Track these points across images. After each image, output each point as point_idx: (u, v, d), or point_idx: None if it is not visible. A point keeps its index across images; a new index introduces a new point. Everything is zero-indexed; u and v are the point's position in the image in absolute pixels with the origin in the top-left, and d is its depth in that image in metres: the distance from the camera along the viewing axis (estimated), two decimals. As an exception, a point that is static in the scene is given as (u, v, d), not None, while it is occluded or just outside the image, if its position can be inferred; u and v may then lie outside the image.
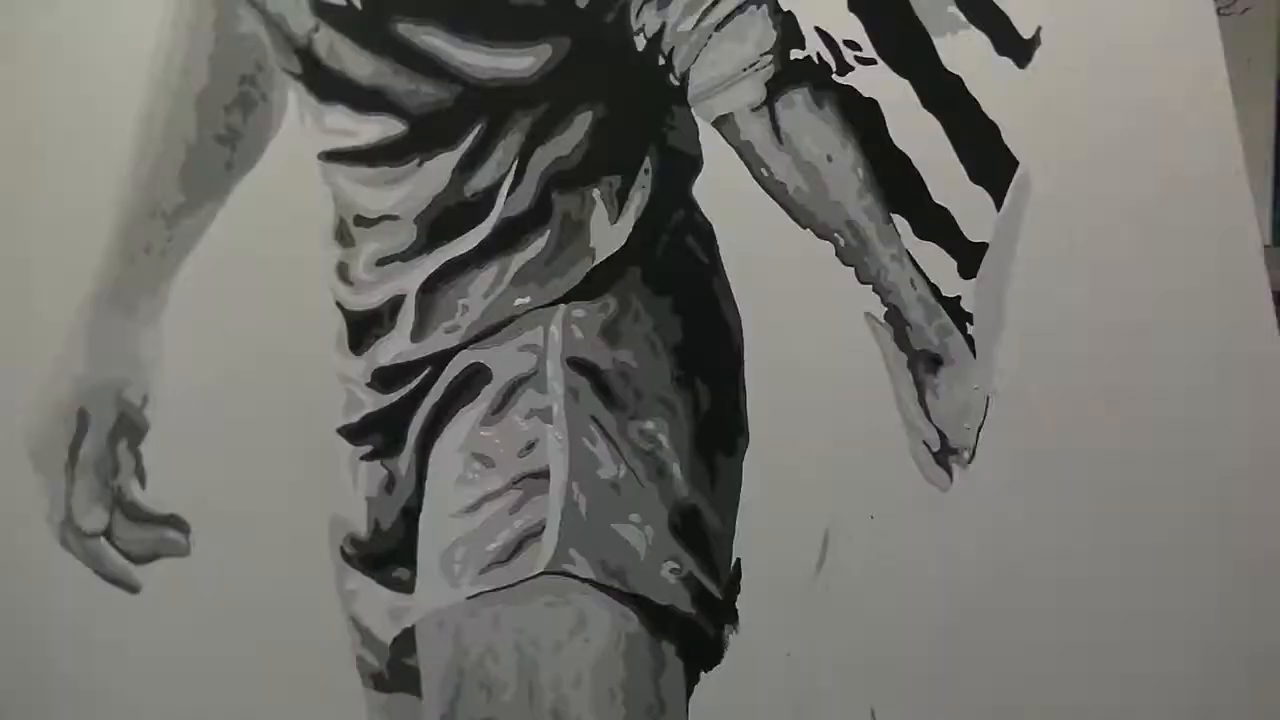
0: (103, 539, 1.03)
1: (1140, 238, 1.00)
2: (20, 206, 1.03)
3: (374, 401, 1.02)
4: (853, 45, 1.02)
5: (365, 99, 1.01)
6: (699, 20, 1.01)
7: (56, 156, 1.03)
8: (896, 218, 1.01)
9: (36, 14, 1.02)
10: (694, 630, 0.99)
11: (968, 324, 1.01)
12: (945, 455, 1.01)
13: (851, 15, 1.01)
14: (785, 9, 1.01)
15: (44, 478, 1.03)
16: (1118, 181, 1.01)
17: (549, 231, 1.01)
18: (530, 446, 1.00)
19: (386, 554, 1.02)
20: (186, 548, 1.02)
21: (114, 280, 1.03)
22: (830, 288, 1.01)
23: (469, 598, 0.96)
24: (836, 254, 1.01)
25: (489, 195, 1.01)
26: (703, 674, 1.01)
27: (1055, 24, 1.01)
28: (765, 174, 1.01)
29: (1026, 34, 1.02)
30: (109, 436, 1.03)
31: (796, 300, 1.02)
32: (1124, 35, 1.01)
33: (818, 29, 1.02)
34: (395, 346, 1.02)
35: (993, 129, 1.01)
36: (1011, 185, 1.02)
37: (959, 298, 1.01)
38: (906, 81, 1.02)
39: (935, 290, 1.01)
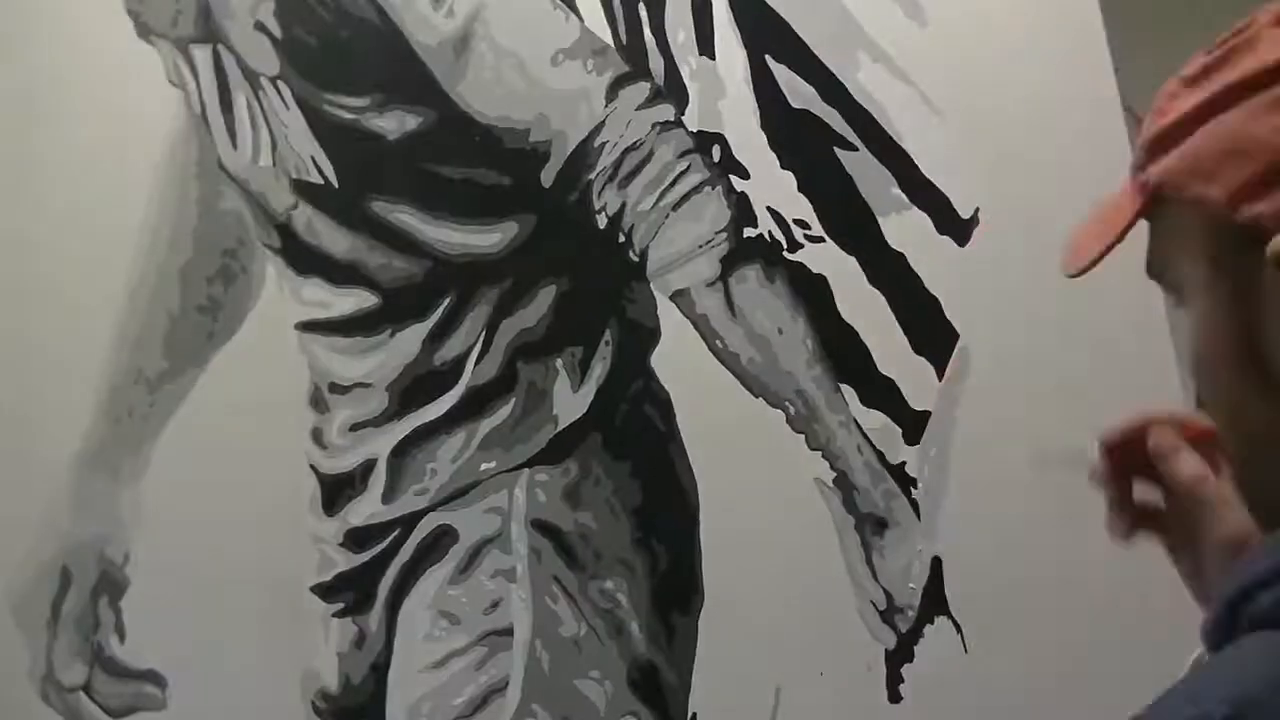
0: (82, 693, 1.07)
1: (1073, 406, 1.05)
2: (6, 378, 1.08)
3: (346, 561, 1.08)
4: (802, 224, 1.09)
5: (341, 272, 1.09)
6: (657, 200, 1.08)
7: (48, 325, 1.09)
8: (844, 387, 1.08)
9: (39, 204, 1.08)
10: (652, 782, 1.04)
11: (912, 488, 1.07)
12: (891, 614, 1.06)
13: (801, 196, 1.09)
14: (739, 190, 1.09)
15: (26, 634, 1.07)
16: (1052, 352, 1.06)
17: (514, 399, 1.08)
18: (495, 605, 1.06)
19: (356, 708, 1.07)
20: (163, 702, 1.07)
21: (99, 441, 1.09)
22: (782, 453, 1.07)
23: (435, 754, 1.01)
24: (787, 421, 1.07)
25: (457, 364, 1.08)
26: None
27: (992, 205, 1.08)
28: (720, 345, 1.08)
29: (965, 214, 1.09)
30: (91, 593, 1.08)
31: (749, 466, 1.07)
32: (1058, 215, 1.08)
33: (769, 208, 1.09)
34: (367, 508, 1.08)
35: (934, 303, 1.08)
36: (952, 356, 1.08)
37: (904, 463, 1.07)
38: (853, 258, 1.09)
39: (881, 456, 1.07)
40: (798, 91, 1.10)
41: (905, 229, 1.10)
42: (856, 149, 1.10)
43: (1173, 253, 0.73)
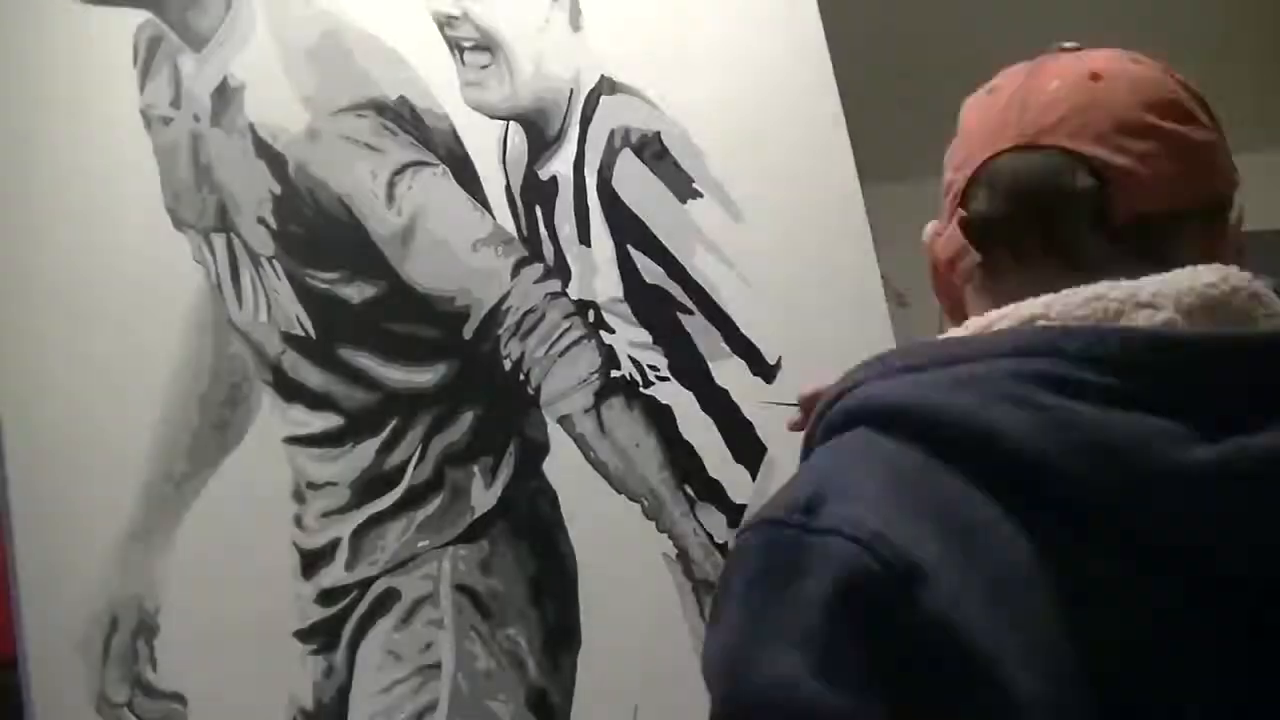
0: (126, 708, 1.39)
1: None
2: (70, 474, 1.41)
3: (318, 613, 1.38)
4: (654, 368, 1.42)
5: (317, 400, 1.40)
6: (548, 350, 1.41)
7: (104, 436, 1.41)
8: (685, 487, 1.40)
9: (97, 352, 1.41)
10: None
11: None
12: None
13: (653, 347, 1.42)
14: (607, 343, 1.41)
15: (85, 664, 1.39)
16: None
17: (442, 495, 1.39)
18: (428, 646, 1.37)
19: (327, 723, 1.40)
20: (184, 716, 1.39)
21: (139, 523, 1.39)
22: (638, 535, 1.39)
23: (382, 756, 1.35)
24: (643, 511, 1.40)
25: (401, 469, 1.39)
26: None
27: (791, 354, 1.41)
28: (593, 455, 1.40)
29: (771, 361, 1.41)
30: (132, 634, 1.37)
31: (615, 544, 1.39)
32: (849, 357, 1.42)
33: (630, 356, 1.42)
34: (334, 574, 1.38)
35: (749, 425, 1.41)
36: (762, 465, 1.41)
37: (727, 543, 1.40)
38: (690, 393, 1.41)
39: (711, 537, 1.40)
40: (650, 271, 1.42)
41: (728, 372, 1.41)
42: (693, 313, 1.42)
43: None
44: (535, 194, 1.46)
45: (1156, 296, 0.72)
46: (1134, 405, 0.67)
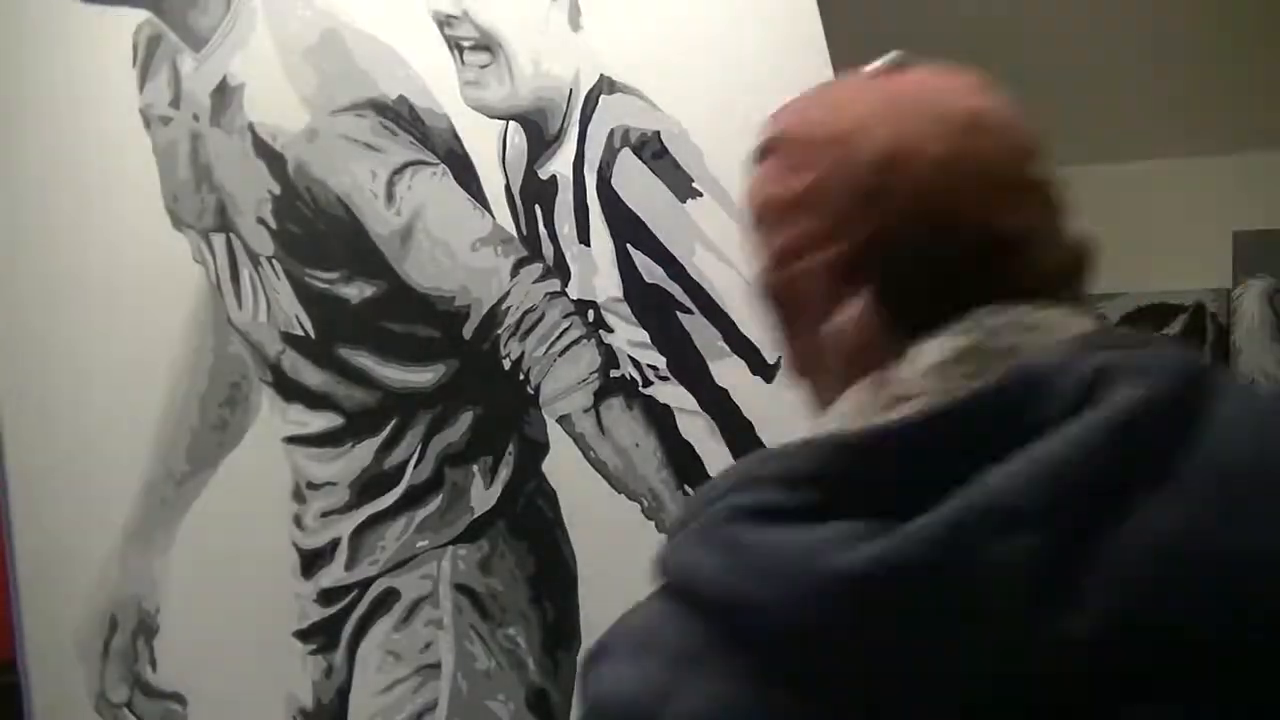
0: (125, 708, 1.41)
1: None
2: (70, 474, 1.43)
3: (318, 613, 1.39)
4: (653, 367, 1.41)
5: (316, 400, 1.41)
6: (547, 349, 1.41)
7: (106, 437, 1.43)
8: (685, 486, 1.40)
9: (96, 353, 1.42)
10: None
11: None
12: None
13: (652, 347, 1.41)
14: (606, 342, 1.41)
15: (85, 664, 1.41)
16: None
17: (442, 494, 1.39)
18: (428, 646, 1.38)
19: (326, 723, 1.41)
20: (184, 716, 1.40)
21: (139, 523, 1.42)
22: (638, 534, 1.38)
23: (380, 757, 1.35)
24: (642, 511, 1.40)
25: (400, 469, 1.40)
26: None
27: None
28: (593, 455, 1.40)
29: (771, 360, 1.41)
30: (132, 634, 1.40)
31: (614, 544, 1.38)
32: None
33: (629, 356, 1.41)
34: (334, 574, 1.39)
35: (749, 425, 1.40)
36: None
37: None
38: (690, 393, 1.40)
39: None
40: (650, 271, 1.41)
41: (727, 371, 1.40)
42: (693, 312, 1.41)
43: None
44: (535, 193, 1.46)
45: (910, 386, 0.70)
46: (817, 517, 0.64)
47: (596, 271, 1.43)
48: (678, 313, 1.42)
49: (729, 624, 0.65)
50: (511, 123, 1.46)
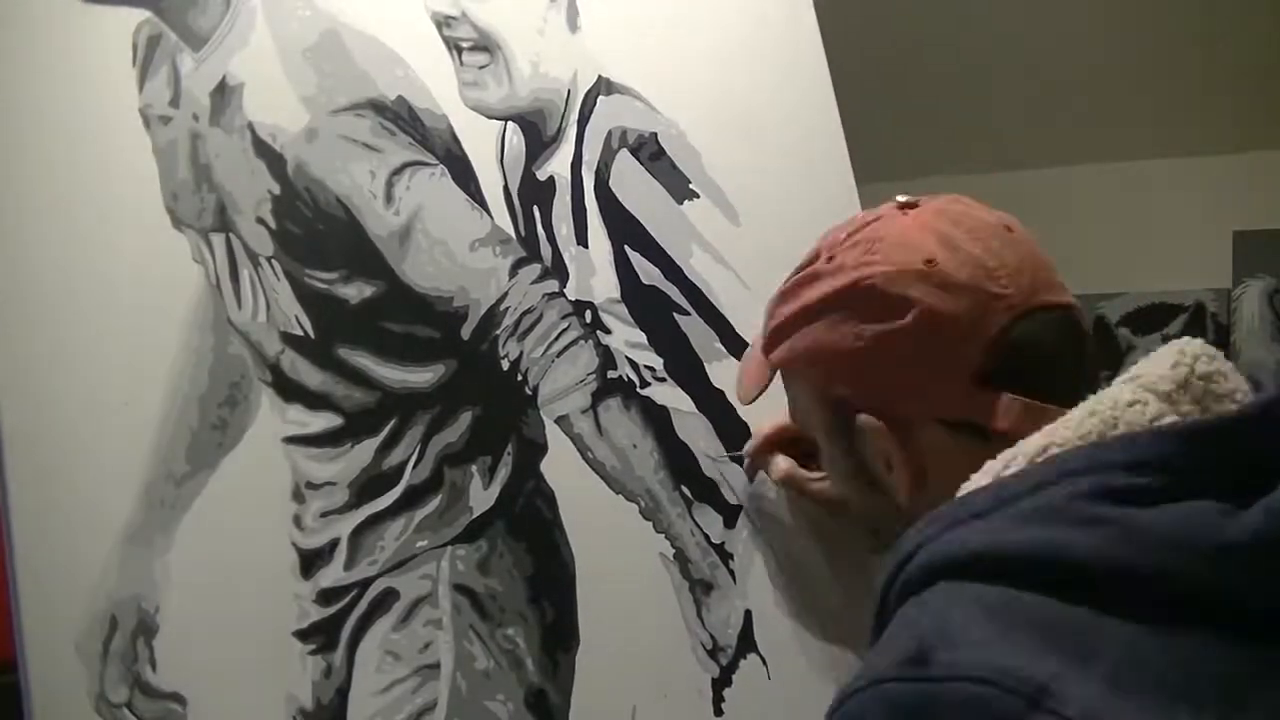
0: (125, 709, 1.40)
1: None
2: (69, 474, 1.42)
3: (318, 613, 1.38)
4: (650, 368, 1.42)
5: (315, 400, 1.41)
6: (545, 350, 1.42)
7: (105, 437, 1.41)
8: (681, 487, 1.41)
9: (95, 351, 1.41)
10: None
11: (729, 561, 1.41)
12: (715, 652, 1.40)
13: (650, 348, 1.42)
14: (604, 343, 1.42)
15: (85, 664, 1.40)
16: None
17: (441, 495, 1.40)
18: (427, 646, 1.38)
19: (325, 723, 1.40)
20: (184, 717, 1.39)
21: (139, 524, 1.40)
22: (635, 535, 1.40)
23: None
24: (640, 512, 1.40)
25: (399, 469, 1.40)
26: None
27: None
28: (590, 456, 1.41)
29: None
30: (131, 635, 1.38)
31: (612, 544, 1.40)
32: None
33: (627, 357, 1.42)
34: (333, 574, 1.38)
35: (745, 426, 1.41)
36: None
37: (723, 543, 1.41)
38: (687, 394, 1.42)
39: (707, 537, 1.41)
40: (647, 272, 1.43)
41: (724, 373, 1.42)
42: (689, 314, 1.43)
43: (800, 405, 1.08)
44: (533, 194, 1.46)
45: (1137, 393, 0.82)
46: (1174, 498, 0.74)
47: (594, 272, 1.44)
48: (675, 314, 1.43)
49: (1115, 594, 0.72)
50: (510, 123, 1.47)
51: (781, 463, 1.31)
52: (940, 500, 0.85)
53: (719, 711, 1.40)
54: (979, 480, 0.84)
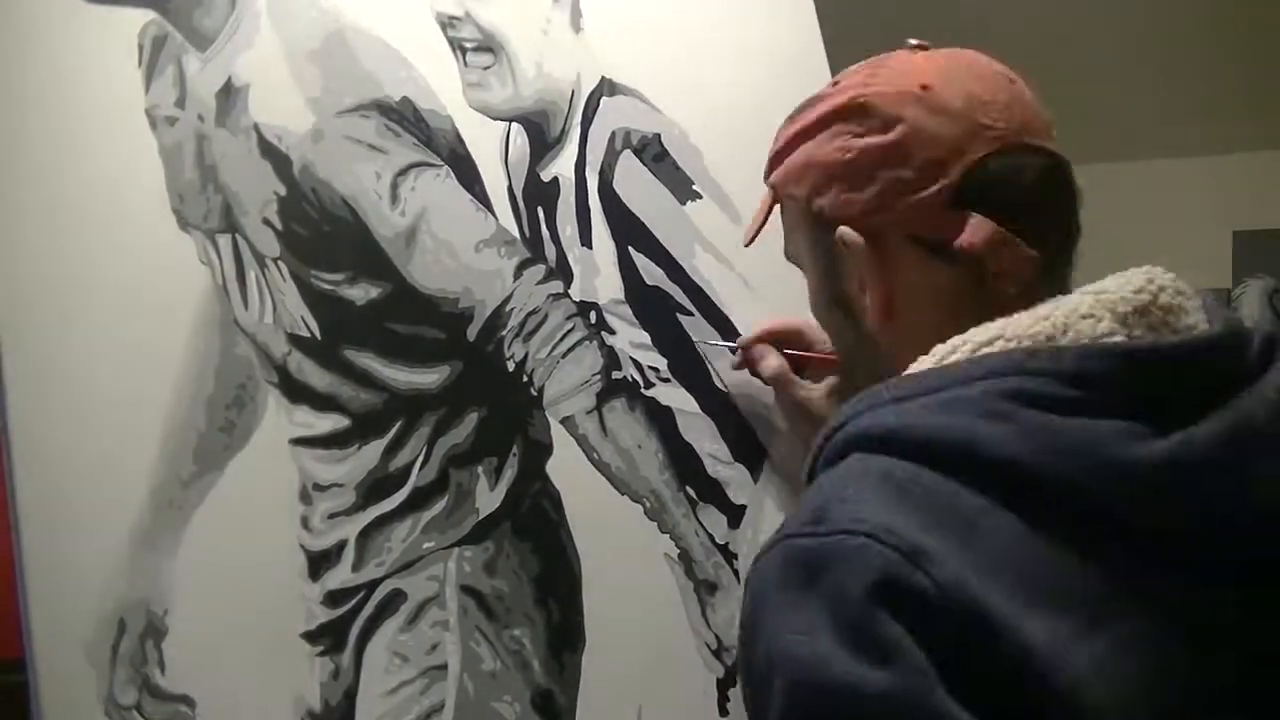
0: (134, 711, 1.40)
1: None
2: (77, 477, 1.41)
3: (325, 615, 1.38)
4: (655, 369, 1.43)
5: (322, 402, 1.40)
6: (550, 351, 1.42)
7: (112, 440, 1.41)
8: (686, 488, 1.42)
9: (104, 355, 1.41)
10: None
11: (734, 561, 1.42)
12: (720, 652, 1.41)
13: (654, 349, 1.43)
14: (609, 344, 1.43)
15: (94, 667, 1.40)
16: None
17: (447, 496, 1.40)
18: (434, 647, 1.38)
19: (333, 724, 1.40)
20: (192, 718, 1.39)
21: (147, 527, 1.40)
22: (641, 536, 1.40)
23: (389, 758, 1.35)
24: (645, 512, 1.41)
25: (406, 470, 1.40)
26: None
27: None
28: (596, 457, 1.42)
29: None
30: (140, 637, 1.38)
31: (617, 545, 1.40)
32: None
33: (631, 358, 1.42)
34: (340, 576, 1.38)
35: (749, 427, 1.42)
36: (765, 466, 1.43)
37: (728, 543, 1.42)
38: (691, 395, 1.42)
39: (712, 538, 1.41)
40: (651, 273, 1.43)
41: (727, 373, 1.43)
42: (693, 314, 1.43)
43: (791, 235, 1.10)
44: (537, 195, 1.46)
45: (1094, 308, 0.84)
46: (1092, 412, 0.77)
47: (598, 273, 1.44)
48: (678, 314, 1.43)
49: (1011, 489, 0.75)
50: (514, 124, 1.47)
51: (773, 359, 1.33)
52: (908, 337, 0.90)
53: (724, 712, 1.40)
54: (924, 363, 0.86)
